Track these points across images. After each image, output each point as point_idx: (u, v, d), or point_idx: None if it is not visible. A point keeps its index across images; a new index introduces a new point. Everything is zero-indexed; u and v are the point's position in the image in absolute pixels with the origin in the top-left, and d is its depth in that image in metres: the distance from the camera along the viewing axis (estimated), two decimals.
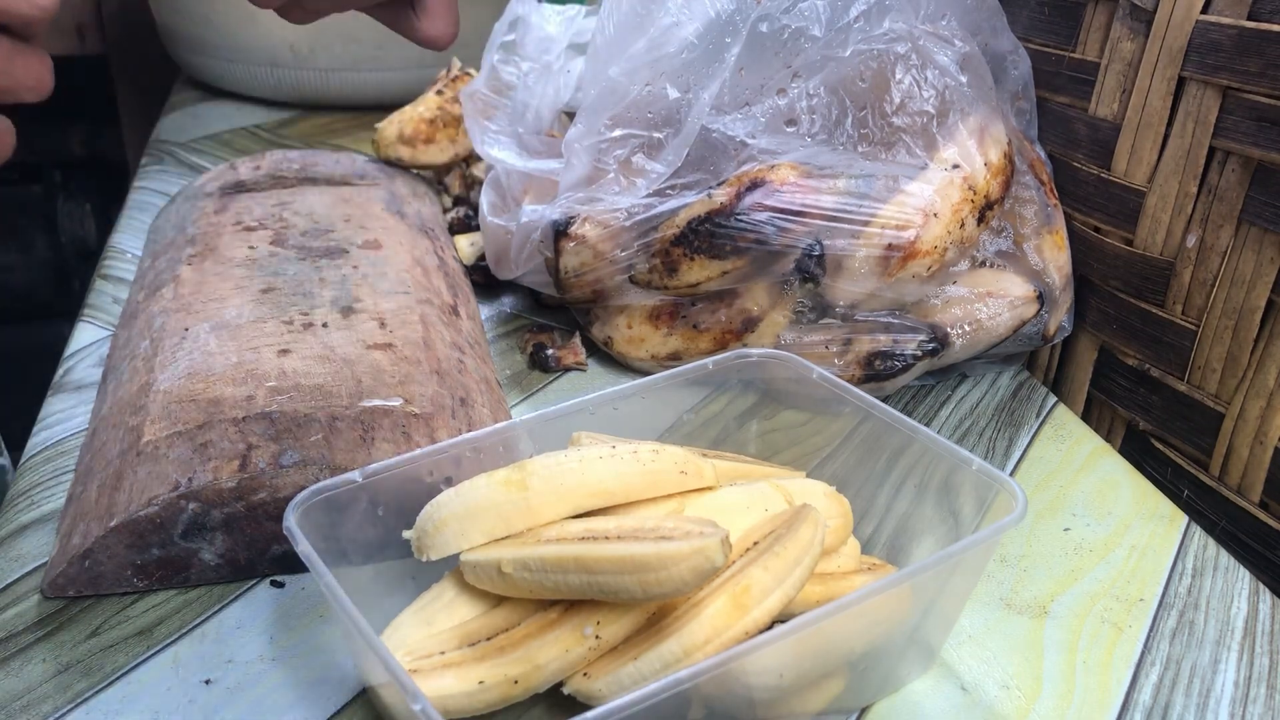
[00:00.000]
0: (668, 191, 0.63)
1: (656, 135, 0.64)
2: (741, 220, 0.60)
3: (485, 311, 0.76)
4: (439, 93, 0.87)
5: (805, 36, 0.62)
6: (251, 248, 0.66)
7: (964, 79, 0.63)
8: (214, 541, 0.47)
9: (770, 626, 0.37)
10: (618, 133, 0.64)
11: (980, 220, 0.62)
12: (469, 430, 0.52)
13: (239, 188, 0.76)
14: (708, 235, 0.61)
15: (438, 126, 0.84)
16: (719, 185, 0.61)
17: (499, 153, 0.71)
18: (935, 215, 0.60)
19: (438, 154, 0.85)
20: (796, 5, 0.62)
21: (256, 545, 0.48)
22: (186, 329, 0.56)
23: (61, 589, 0.46)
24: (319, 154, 0.84)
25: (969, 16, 0.67)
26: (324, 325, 0.57)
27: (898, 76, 0.62)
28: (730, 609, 0.36)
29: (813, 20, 0.62)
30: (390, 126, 0.84)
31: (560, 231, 0.64)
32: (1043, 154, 0.70)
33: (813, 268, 0.60)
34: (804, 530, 0.39)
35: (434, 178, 0.88)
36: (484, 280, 0.76)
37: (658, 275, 0.63)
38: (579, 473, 0.40)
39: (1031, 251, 0.65)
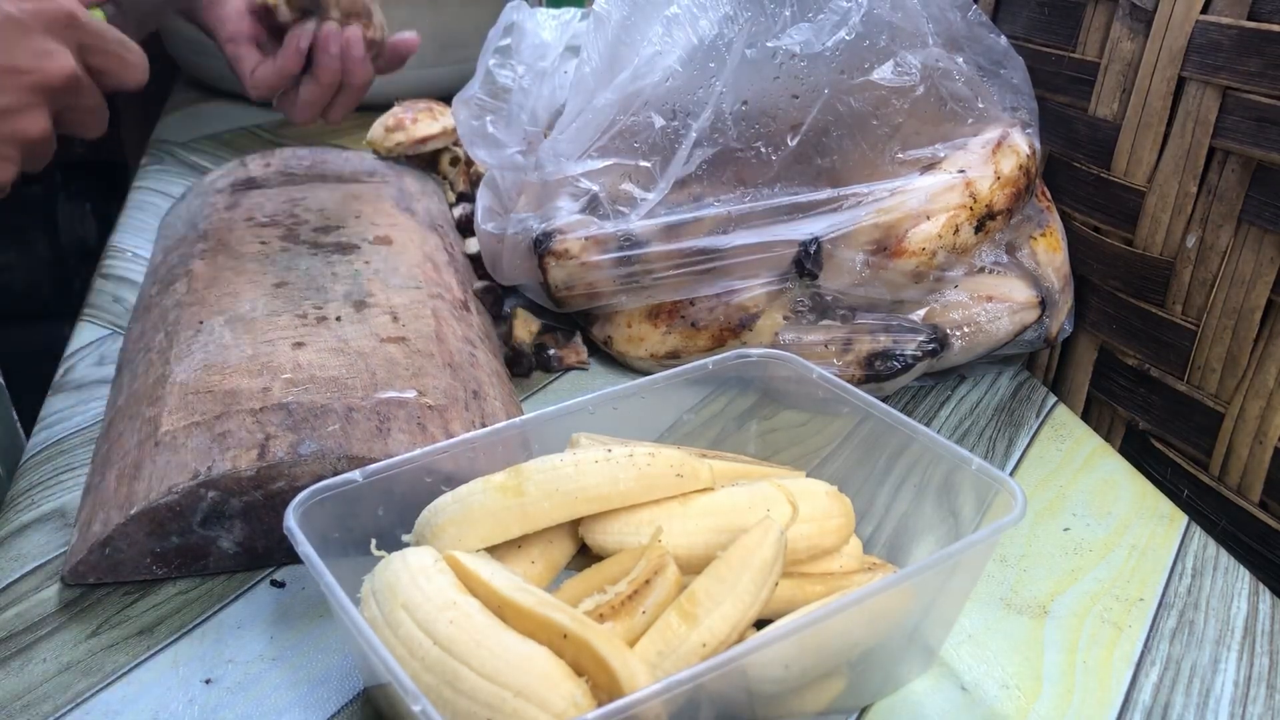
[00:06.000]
0: (658, 211, 0.63)
1: (644, 164, 0.64)
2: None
3: None
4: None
5: (806, 59, 0.61)
6: (264, 243, 0.66)
7: (981, 92, 0.63)
8: (232, 529, 0.48)
9: (742, 637, 0.37)
10: (602, 164, 0.64)
11: (980, 229, 0.62)
12: (482, 422, 0.53)
13: (250, 184, 0.76)
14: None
15: (411, 112, 0.88)
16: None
17: (490, 154, 0.71)
18: (928, 217, 0.60)
19: (429, 126, 0.86)
20: (786, 29, 0.62)
21: (274, 534, 0.48)
22: (201, 322, 0.57)
23: (82, 576, 0.47)
24: (328, 151, 0.84)
25: (970, 27, 0.67)
26: (337, 319, 0.57)
27: (909, 94, 0.62)
28: (678, 621, 0.36)
29: (806, 44, 0.62)
30: (375, 128, 0.88)
31: (543, 253, 0.65)
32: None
33: (810, 264, 0.60)
34: (751, 536, 0.39)
35: (438, 175, 0.89)
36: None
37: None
38: (574, 478, 0.40)
39: (1025, 257, 0.65)
